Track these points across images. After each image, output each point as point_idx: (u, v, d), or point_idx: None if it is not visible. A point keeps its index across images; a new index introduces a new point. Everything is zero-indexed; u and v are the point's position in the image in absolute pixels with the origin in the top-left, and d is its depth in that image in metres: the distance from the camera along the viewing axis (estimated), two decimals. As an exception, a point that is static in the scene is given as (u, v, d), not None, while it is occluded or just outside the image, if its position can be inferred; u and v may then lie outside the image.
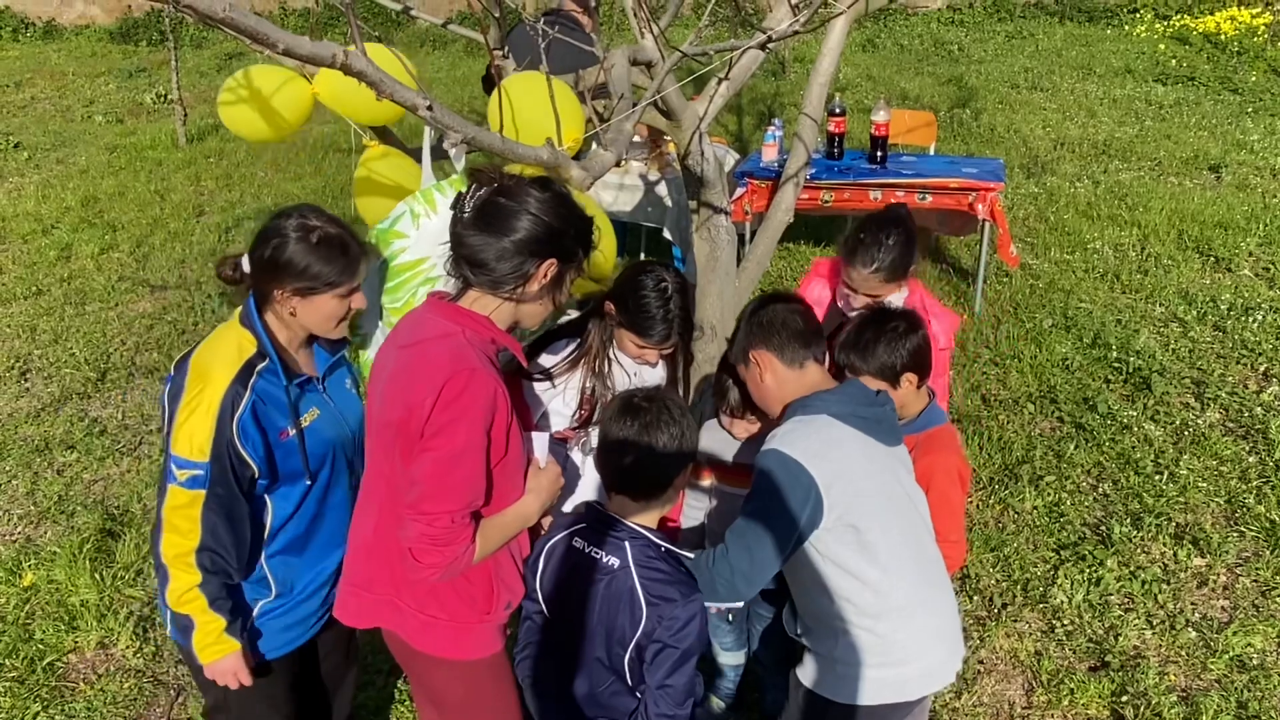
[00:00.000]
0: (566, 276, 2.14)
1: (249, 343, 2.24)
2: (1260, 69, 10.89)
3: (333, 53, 2.03)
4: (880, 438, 2.31)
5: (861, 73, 11.43)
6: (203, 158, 9.16)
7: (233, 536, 2.21)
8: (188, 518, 2.16)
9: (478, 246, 2.04)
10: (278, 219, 2.27)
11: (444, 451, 1.95)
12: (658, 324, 2.61)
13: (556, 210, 2.07)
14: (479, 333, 2.06)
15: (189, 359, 2.27)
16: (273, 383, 2.24)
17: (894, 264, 2.92)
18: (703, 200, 3.85)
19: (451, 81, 11.43)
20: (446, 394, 1.94)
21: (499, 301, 2.09)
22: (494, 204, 2.05)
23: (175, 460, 2.16)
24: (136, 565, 3.89)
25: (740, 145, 8.57)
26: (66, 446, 4.75)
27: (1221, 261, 6.36)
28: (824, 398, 2.31)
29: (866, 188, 5.72)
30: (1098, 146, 8.69)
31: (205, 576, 2.19)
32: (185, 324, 5.95)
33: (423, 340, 2.03)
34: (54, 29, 15.16)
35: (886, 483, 2.30)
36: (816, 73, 4.58)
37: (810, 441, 2.22)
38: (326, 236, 2.24)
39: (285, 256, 2.21)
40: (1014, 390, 5.00)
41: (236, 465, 2.18)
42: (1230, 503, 4.15)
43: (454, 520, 1.98)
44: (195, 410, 2.16)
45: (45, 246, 7.15)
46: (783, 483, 2.18)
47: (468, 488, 1.99)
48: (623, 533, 2.23)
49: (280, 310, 2.27)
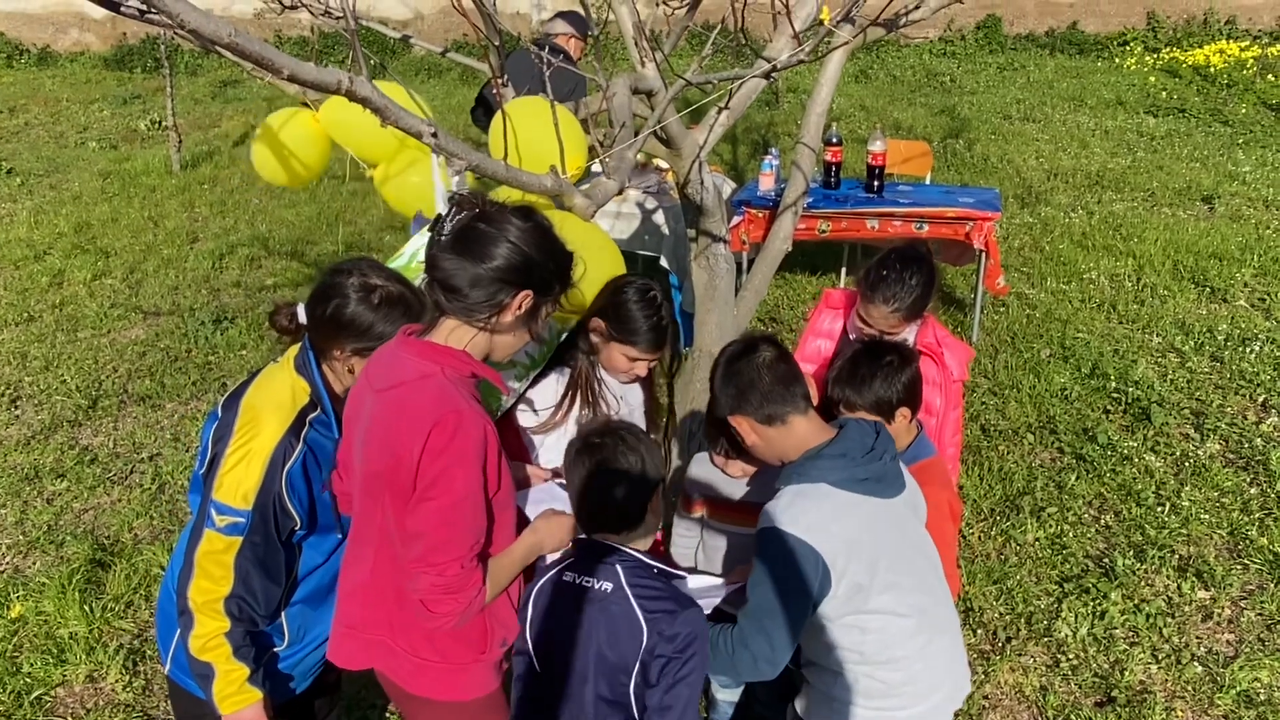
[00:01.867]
0: (542, 310, 2.07)
1: (303, 391, 2.21)
2: (1250, 101, 10.99)
3: (338, 79, 2.01)
4: (881, 494, 2.23)
5: (855, 103, 11.48)
6: (197, 184, 9.14)
7: (265, 585, 2.16)
8: (221, 564, 2.11)
9: (452, 271, 1.96)
10: (337, 276, 2.23)
11: (444, 501, 1.89)
12: (649, 329, 2.62)
13: (537, 241, 2.00)
14: (458, 369, 1.98)
15: (239, 399, 2.23)
16: (324, 434, 2.20)
17: (915, 303, 2.92)
18: (701, 229, 3.83)
19: (447, 109, 11.45)
20: (435, 442, 1.87)
21: (474, 332, 2.01)
22: (473, 229, 1.97)
23: (216, 505, 2.11)
24: (126, 597, 3.82)
25: (735, 174, 8.58)
26: (57, 475, 4.69)
27: (1217, 292, 6.36)
28: (820, 465, 2.20)
29: (864, 217, 5.73)
30: (1091, 177, 8.73)
31: (232, 624, 2.13)
32: (178, 351, 5.90)
33: (402, 384, 1.95)
34: (49, 55, 15.19)
35: (893, 540, 2.23)
36: (814, 102, 4.59)
37: (810, 516, 2.13)
38: (389, 296, 2.21)
39: (347, 316, 2.18)
40: (1013, 420, 4.98)
41: (280, 517, 2.14)
42: (1233, 535, 4.12)
43: (464, 566, 1.93)
44: (245, 458, 2.12)
45: (37, 272, 7.11)
46: (790, 564, 2.11)
47: (472, 531, 1.94)
48: (613, 557, 2.17)
49: (339, 366, 2.25)
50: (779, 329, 6.08)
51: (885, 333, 2.96)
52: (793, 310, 6.33)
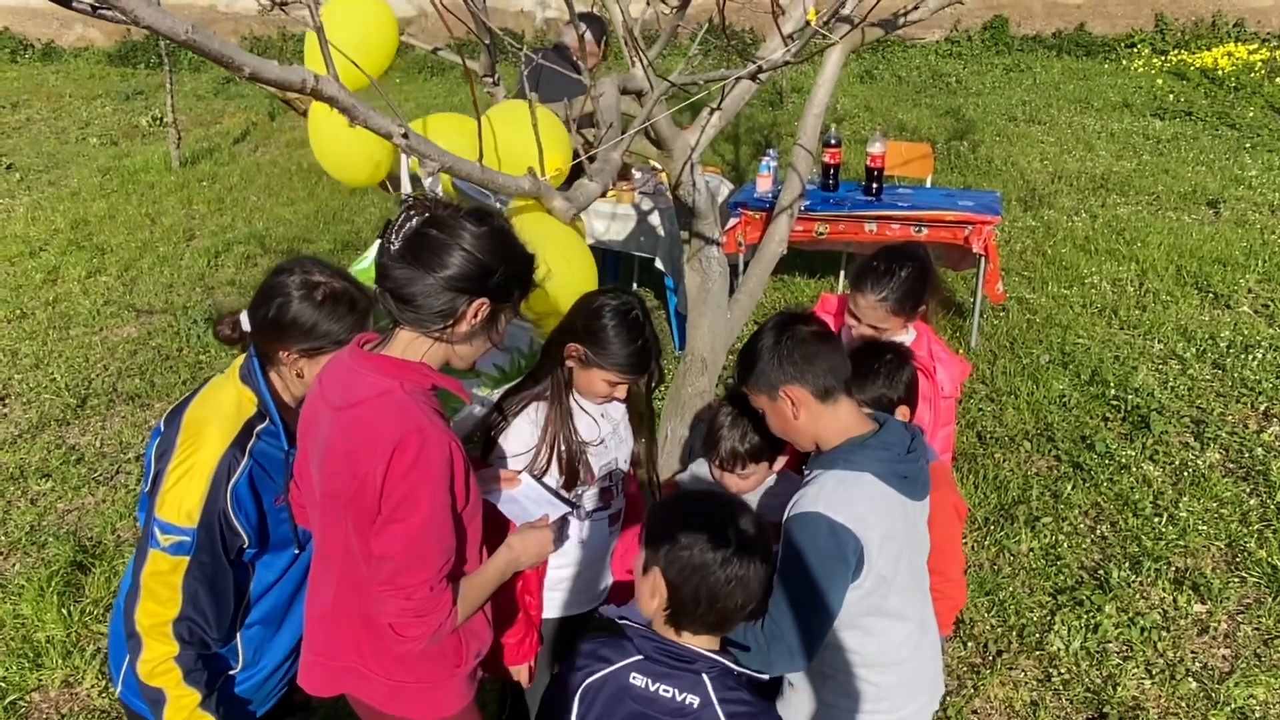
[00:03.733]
0: (500, 317, 1.97)
1: (249, 401, 2.13)
2: (1258, 104, 10.89)
3: (302, 78, 1.95)
4: (911, 495, 2.20)
5: (859, 104, 11.41)
6: (195, 181, 9.11)
7: (215, 606, 2.08)
8: (168, 585, 2.03)
9: (404, 280, 1.86)
10: (278, 275, 2.14)
11: (410, 523, 1.82)
12: (633, 350, 2.40)
13: (492, 247, 1.88)
14: (418, 383, 1.89)
15: (182, 413, 2.15)
16: (272, 445, 2.12)
17: (902, 297, 2.85)
18: (694, 231, 3.77)
19: (448, 108, 11.40)
20: (399, 463, 1.79)
21: (430, 343, 1.91)
22: (424, 236, 1.85)
23: (160, 524, 2.03)
24: (105, 600, 3.78)
25: (736, 175, 8.52)
26: (42, 475, 4.65)
27: (1220, 298, 6.29)
28: (867, 455, 2.14)
29: (861, 220, 5.66)
30: (1095, 180, 8.65)
31: (182, 647, 2.05)
32: (170, 350, 5.86)
33: (361, 402, 1.86)
34: (53, 51, 15.18)
35: (912, 539, 2.22)
36: (811, 103, 4.52)
37: (856, 505, 2.07)
38: (333, 292, 2.13)
39: (290, 315, 2.09)
40: (1010, 428, 4.91)
41: (226, 534, 2.06)
42: (1231, 547, 4.05)
43: (432, 589, 1.86)
44: (187, 474, 2.04)
45: (32, 269, 7.08)
46: (831, 551, 2.05)
47: (439, 552, 1.87)
48: (698, 664, 1.90)
49: (286, 371, 2.16)
50: (776, 332, 6.01)
51: (875, 327, 2.90)
52: (790, 313, 6.26)
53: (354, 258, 7.83)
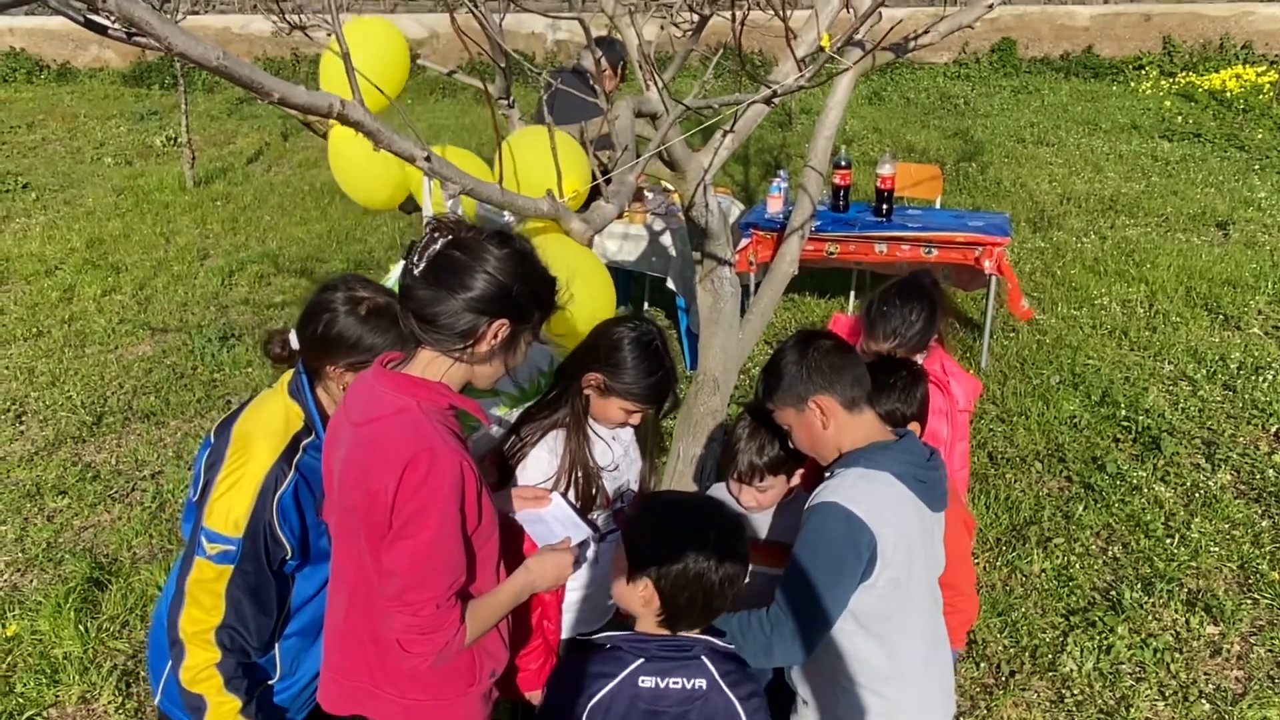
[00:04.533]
0: (520, 338, 2.00)
1: (296, 416, 2.19)
2: (1266, 126, 10.91)
3: (329, 102, 1.99)
4: (930, 503, 2.25)
5: (868, 125, 11.47)
6: (209, 200, 9.18)
7: (257, 615, 2.13)
8: (212, 593, 2.08)
9: (426, 301, 1.89)
10: (324, 292, 2.22)
11: (418, 540, 1.84)
12: (653, 382, 2.44)
13: (514, 269, 1.91)
14: (435, 402, 1.92)
15: (232, 425, 2.21)
16: (317, 459, 2.17)
17: (915, 338, 2.89)
18: (706, 251, 3.81)
19: (460, 129, 11.49)
20: (410, 480, 1.82)
21: (450, 363, 1.94)
22: (448, 257, 1.89)
23: (207, 533, 2.09)
24: (122, 617, 3.81)
25: (746, 196, 8.56)
26: (59, 492, 4.68)
27: (1230, 319, 6.30)
28: (887, 454, 2.21)
29: (872, 241, 5.69)
30: (1104, 202, 8.68)
31: (224, 654, 2.10)
32: (184, 368, 5.90)
33: (378, 418, 1.90)
34: (68, 71, 15.33)
35: (928, 550, 2.26)
36: (822, 125, 4.56)
37: (873, 500, 2.14)
38: (376, 307, 2.19)
39: (336, 330, 2.16)
40: (1021, 448, 4.92)
41: (270, 545, 2.11)
42: (1243, 568, 4.05)
43: (439, 606, 1.88)
44: (235, 484, 2.10)
45: (48, 288, 7.14)
46: (845, 540, 2.11)
47: (448, 571, 1.89)
48: (695, 647, 2.03)
49: (333, 386, 2.22)
50: (786, 352, 6.03)
51: None
52: (801, 333, 6.28)
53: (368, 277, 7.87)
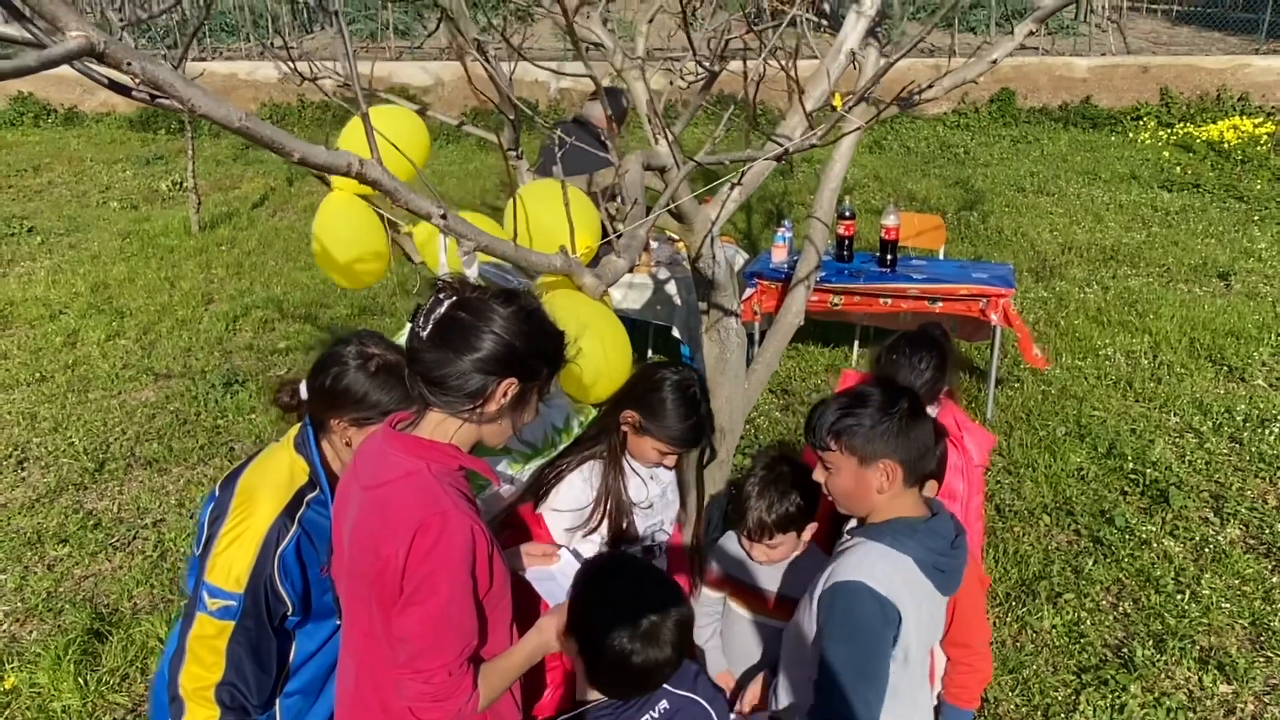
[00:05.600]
0: (530, 395, 1.99)
1: (302, 470, 2.19)
2: (1265, 177, 10.99)
3: (348, 161, 2.00)
4: (943, 589, 2.22)
5: (869, 173, 11.55)
6: (214, 245, 9.22)
7: (257, 672, 2.11)
8: (213, 649, 2.07)
9: (433, 364, 1.90)
10: (337, 346, 2.24)
11: (429, 606, 1.82)
12: (687, 426, 2.54)
13: (520, 328, 1.91)
14: (446, 464, 1.91)
15: (237, 479, 2.21)
16: (321, 514, 2.17)
17: (925, 388, 2.88)
18: (713, 302, 3.82)
19: (464, 175, 11.56)
20: (420, 545, 1.80)
21: (459, 424, 1.94)
22: (454, 319, 1.89)
23: (208, 588, 2.08)
24: (122, 669, 3.76)
25: (748, 244, 8.60)
26: (59, 540, 4.64)
27: (1235, 371, 6.30)
28: (915, 539, 2.16)
29: (877, 293, 5.71)
30: (1105, 251, 8.72)
31: (223, 712, 2.09)
32: (188, 414, 5.88)
33: (388, 482, 1.89)
34: (75, 115, 15.46)
35: (931, 629, 2.24)
36: (827, 177, 4.59)
37: (893, 581, 2.10)
38: (386, 364, 2.20)
39: (343, 384, 2.18)
40: (1029, 501, 4.89)
41: (271, 601, 2.10)
42: (1255, 625, 4.01)
43: (451, 673, 1.86)
44: (237, 539, 2.09)
45: (52, 332, 7.14)
46: (882, 621, 2.06)
47: (459, 636, 1.87)
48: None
49: (336, 440, 2.23)
50: (791, 401, 6.03)
51: None
52: (804, 382, 6.29)
53: (371, 323, 7.85)
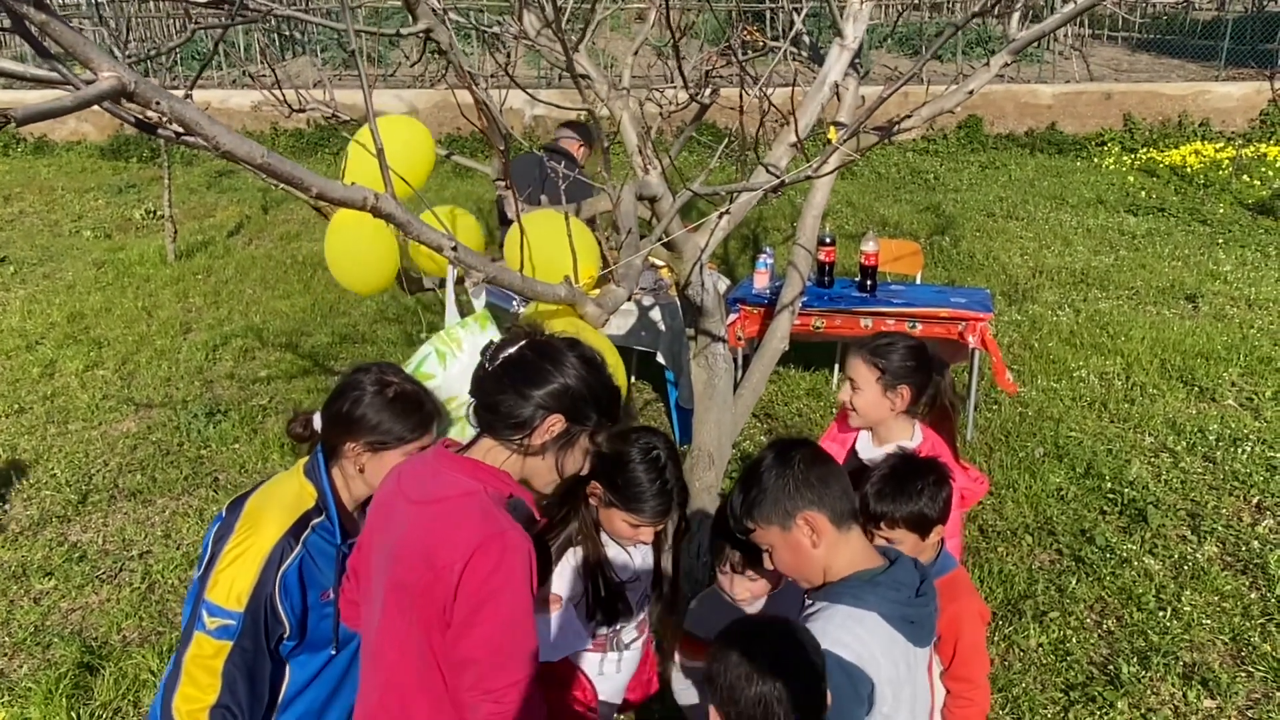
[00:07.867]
0: (576, 439, 2.05)
1: (310, 495, 2.22)
2: (1226, 201, 11.25)
3: (364, 196, 2.05)
4: (916, 641, 2.13)
5: (842, 199, 11.70)
6: (191, 274, 9.18)
7: (250, 696, 2.12)
8: (209, 670, 2.08)
9: (492, 391, 2.02)
10: (356, 374, 2.30)
11: (495, 624, 1.87)
12: (654, 498, 2.38)
13: (579, 373, 2.03)
14: (500, 489, 1.99)
15: (244, 501, 2.24)
16: (325, 539, 2.20)
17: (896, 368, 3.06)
18: (701, 329, 3.88)
19: (440, 201, 11.57)
20: (481, 564, 1.85)
21: (508, 454, 2.02)
22: (523, 359, 2.03)
23: (208, 606, 2.09)
24: (115, 703, 3.73)
25: (726, 269, 8.69)
26: (44, 573, 4.60)
27: (1205, 391, 6.43)
28: (876, 593, 2.06)
29: (857, 316, 5.80)
30: (1075, 275, 8.88)
31: None
32: (170, 444, 5.85)
33: (445, 499, 1.95)
34: (45, 144, 15.35)
35: (914, 688, 2.15)
36: (810, 205, 4.69)
37: (865, 645, 2.01)
38: (403, 393, 2.27)
39: (360, 411, 2.23)
40: (1011, 521, 4.97)
41: (270, 620, 2.12)
42: (1235, 640, 4.10)
43: (522, 691, 1.90)
44: (241, 556, 2.11)
45: (29, 363, 7.08)
46: (848, 691, 1.97)
47: (528, 653, 1.92)
48: None
49: (349, 466, 2.26)
50: (774, 425, 6.09)
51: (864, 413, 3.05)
52: (787, 406, 6.35)
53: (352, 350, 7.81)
